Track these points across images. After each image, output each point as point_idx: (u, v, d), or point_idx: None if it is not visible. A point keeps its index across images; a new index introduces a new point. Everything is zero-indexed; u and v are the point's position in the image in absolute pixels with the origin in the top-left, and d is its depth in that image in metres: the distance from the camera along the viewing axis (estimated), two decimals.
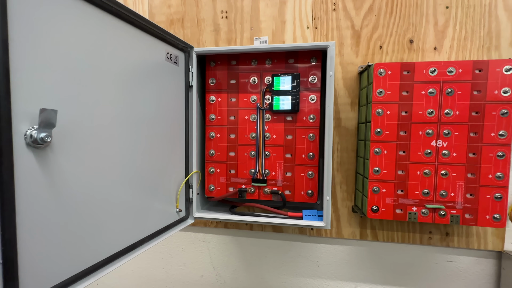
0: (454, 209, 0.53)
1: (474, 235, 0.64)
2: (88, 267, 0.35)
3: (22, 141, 0.26)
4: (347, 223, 0.69)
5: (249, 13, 0.70)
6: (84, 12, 0.34)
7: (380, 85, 0.54)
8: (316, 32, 0.68)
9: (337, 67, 0.67)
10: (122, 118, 0.41)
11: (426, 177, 0.54)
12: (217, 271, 0.78)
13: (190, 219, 0.59)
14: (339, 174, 0.68)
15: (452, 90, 0.52)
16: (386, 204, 0.55)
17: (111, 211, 0.39)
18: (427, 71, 0.53)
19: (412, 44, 0.64)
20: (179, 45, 0.54)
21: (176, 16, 0.74)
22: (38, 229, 0.28)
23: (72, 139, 0.32)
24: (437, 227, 0.65)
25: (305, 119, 0.58)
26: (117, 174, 0.40)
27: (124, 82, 0.41)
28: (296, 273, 0.74)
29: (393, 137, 0.55)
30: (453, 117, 0.52)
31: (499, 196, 0.52)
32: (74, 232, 0.33)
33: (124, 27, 0.41)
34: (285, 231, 0.73)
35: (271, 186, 0.60)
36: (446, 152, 0.53)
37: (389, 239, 0.67)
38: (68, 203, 0.32)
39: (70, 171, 0.32)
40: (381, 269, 0.70)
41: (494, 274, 0.65)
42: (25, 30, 0.26)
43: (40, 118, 0.26)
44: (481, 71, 0.51)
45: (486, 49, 0.61)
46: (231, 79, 0.60)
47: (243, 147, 0.60)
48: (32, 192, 0.27)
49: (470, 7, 0.61)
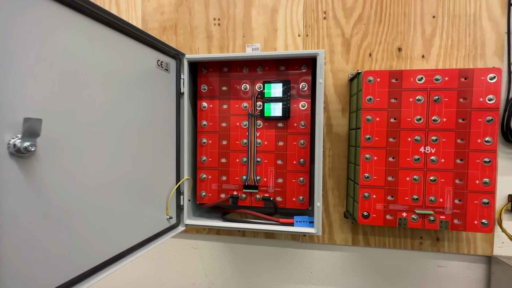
0: (443, 214, 0.54)
1: (464, 240, 0.64)
2: (77, 275, 0.34)
3: (5, 151, 0.26)
4: (339, 229, 0.69)
5: (241, 21, 0.71)
6: (73, 21, 0.34)
7: (369, 92, 0.55)
8: (307, 39, 0.69)
9: (328, 74, 0.68)
10: (112, 125, 0.40)
11: (415, 183, 0.54)
12: (210, 278, 0.78)
13: (181, 226, 0.58)
14: (331, 179, 0.68)
15: (439, 98, 0.53)
16: (377, 210, 0.56)
17: (100, 219, 0.38)
18: (415, 78, 0.54)
19: (400, 52, 0.65)
20: (170, 53, 0.54)
21: (169, 23, 0.75)
22: (23, 239, 0.28)
23: (59, 148, 0.32)
24: (428, 233, 0.66)
25: (296, 126, 0.58)
26: (106, 181, 0.40)
27: (114, 89, 0.41)
28: (289, 280, 0.74)
29: (382, 143, 0.55)
30: (440, 123, 0.53)
31: (487, 202, 0.52)
32: (61, 241, 0.32)
33: (114, 35, 0.41)
34: (278, 237, 0.73)
35: (262, 193, 0.60)
36: (434, 158, 0.54)
37: (381, 244, 0.68)
38: (55, 212, 0.31)
39: (57, 180, 0.32)
40: (373, 275, 0.70)
41: (484, 278, 0.65)
42: (11, 39, 0.26)
43: (24, 127, 0.26)
44: (466, 79, 0.52)
45: (472, 58, 0.63)
46: (223, 86, 0.61)
47: (234, 153, 0.60)
48: (16, 201, 0.27)
49: (456, 16, 0.63)
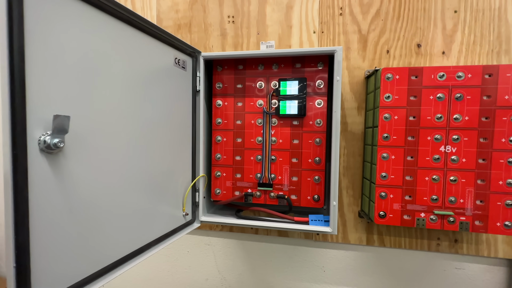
0: (464, 215, 0.52)
1: (484, 243, 0.62)
2: (97, 270, 0.35)
3: (36, 147, 0.26)
4: (354, 228, 0.68)
5: (255, 18, 0.71)
6: (96, 20, 0.34)
7: (388, 89, 0.54)
8: (323, 36, 0.68)
9: (344, 71, 0.67)
10: (131, 122, 0.41)
11: (434, 183, 0.53)
12: (222, 274, 0.78)
13: (196, 223, 0.59)
14: (345, 178, 0.68)
15: (461, 95, 0.52)
16: (394, 210, 0.55)
17: (120, 215, 0.39)
18: (436, 76, 0.52)
19: (419, 48, 0.64)
20: (187, 50, 0.55)
21: (183, 21, 0.75)
22: (50, 233, 0.29)
23: (83, 144, 0.33)
24: (446, 234, 0.64)
25: (312, 124, 0.58)
26: (126, 178, 0.40)
27: (134, 87, 0.41)
28: (302, 278, 0.74)
29: (401, 142, 0.54)
30: (462, 122, 0.52)
31: (510, 203, 0.51)
32: (84, 236, 0.33)
33: (134, 33, 0.41)
34: (291, 235, 0.73)
35: (277, 191, 0.60)
36: (455, 158, 0.52)
37: (396, 245, 0.66)
38: (78, 207, 0.32)
39: (81, 176, 0.32)
40: (388, 276, 0.69)
41: (505, 282, 0.64)
42: (39, 39, 0.27)
43: (54, 124, 0.27)
44: (491, 76, 0.50)
45: (495, 54, 0.61)
46: (238, 84, 0.61)
47: (249, 151, 0.60)
48: (45, 197, 0.28)
49: (479, 11, 0.61)
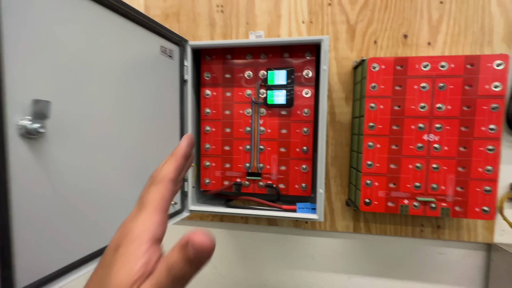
0: (445, 202, 0.54)
1: (465, 228, 0.65)
2: (83, 256, 0.36)
3: (15, 131, 0.26)
4: (341, 216, 0.70)
5: (244, 8, 0.70)
6: (78, 5, 0.34)
7: (374, 79, 0.55)
8: (312, 26, 0.68)
9: (332, 62, 0.67)
10: (117, 110, 0.41)
11: (417, 171, 0.55)
12: (213, 264, 0.80)
13: (185, 212, 0.60)
14: (333, 168, 0.69)
15: (445, 85, 0.53)
16: (379, 197, 0.56)
17: (105, 203, 0.39)
18: (420, 65, 0.53)
19: (406, 39, 0.64)
20: (174, 39, 0.54)
21: (171, 10, 0.74)
22: (33, 219, 0.29)
23: (67, 131, 0.32)
24: (429, 220, 0.66)
25: (300, 113, 0.58)
26: (112, 166, 0.40)
27: (119, 75, 0.41)
28: (291, 266, 0.76)
29: (386, 131, 0.55)
30: (444, 111, 0.53)
31: (489, 189, 0.53)
32: (69, 222, 0.33)
33: (118, 20, 0.41)
34: (280, 224, 0.74)
35: (265, 180, 0.60)
36: (438, 146, 0.54)
37: (381, 232, 0.68)
38: (63, 194, 0.32)
39: (65, 162, 0.32)
40: (374, 261, 0.71)
41: (484, 265, 0.66)
42: (18, 23, 0.27)
43: (34, 109, 0.27)
44: (472, 66, 0.52)
45: (479, 45, 0.62)
46: (226, 73, 0.60)
47: (238, 141, 0.61)
48: (26, 181, 0.28)
49: (464, 2, 0.62)
